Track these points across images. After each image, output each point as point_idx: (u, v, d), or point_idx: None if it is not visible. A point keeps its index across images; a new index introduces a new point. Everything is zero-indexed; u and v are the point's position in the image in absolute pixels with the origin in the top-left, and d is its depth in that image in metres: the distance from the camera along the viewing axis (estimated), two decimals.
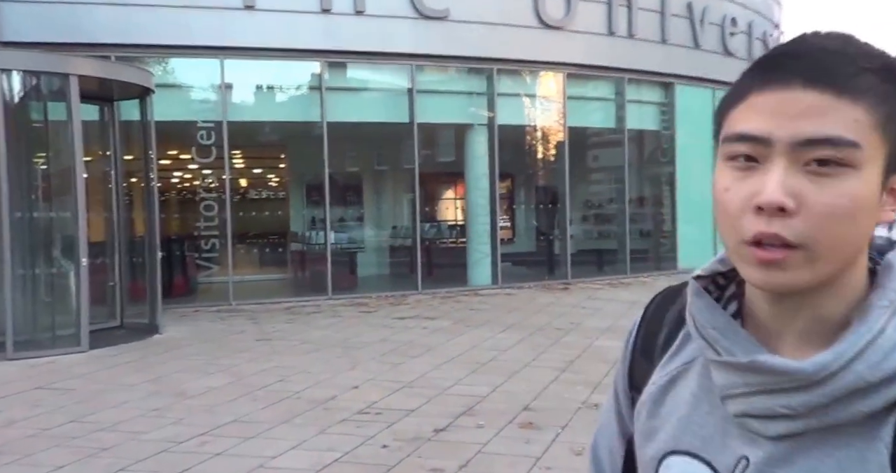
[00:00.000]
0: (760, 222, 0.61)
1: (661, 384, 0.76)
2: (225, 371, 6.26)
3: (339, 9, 10.72)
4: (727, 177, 0.65)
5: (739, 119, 0.64)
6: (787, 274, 0.62)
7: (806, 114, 0.61)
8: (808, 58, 0.62)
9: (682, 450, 0.72)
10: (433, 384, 5.66)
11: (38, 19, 9.57)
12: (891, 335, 0.62)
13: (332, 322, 8.97)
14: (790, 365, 0.63)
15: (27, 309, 7.47)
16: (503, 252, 12.39)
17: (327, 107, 10.99)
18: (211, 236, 11.05)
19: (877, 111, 0.61)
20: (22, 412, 5.06)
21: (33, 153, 8.11)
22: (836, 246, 0.62)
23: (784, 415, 0.64)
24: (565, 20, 12.04)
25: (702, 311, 0.70)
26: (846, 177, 0.61)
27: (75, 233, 7.30)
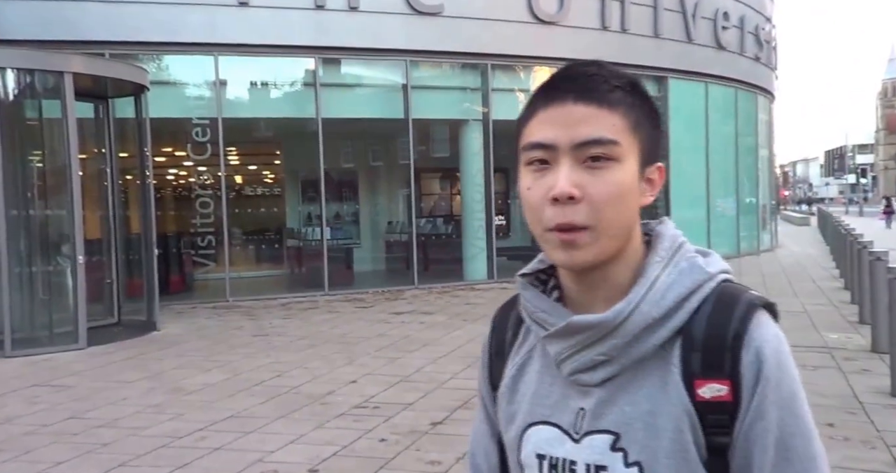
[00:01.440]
0: (558, 213, 0.79)
1: (513, 374, 0.91)
2: (222, 367, 6.29)
3: (332, 5, 10.72)
4: (528, 178, 0.82)
5: (532, 131, 0.82)
6: (582, 251, 0.79)
7: (579, 122, 0.79)
8: (576, 80, 0.81)
9: (536, 421, 0.87)
10: (430, 378, 5.69)
11: (33, 17, 9.54)
12: (664, 280, 0.82)
13: (329, 317, 9.00)
14: (594, 317, 0.81)
15: (25, 306, 7.48)
16: (498, 246, 12.42)
17: (322, 104, 11.00)
18: (207, 233, 11.06)
19: (628, 117, 0.81)
20: (21, 409, 5.08)
21: (29, 151, 8.09)
22: (614, 223, 0.80)
23: (601, 362, 0.81)
24: (558, 15, 12.06)
25: (530, 300, 0.87)
26: (613, 169, 0.79)
27: (72, 230, 7.30)
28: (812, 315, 8.10)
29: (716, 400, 0.78)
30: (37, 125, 8.10)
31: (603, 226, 0.79)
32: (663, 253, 0.84)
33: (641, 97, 0.83)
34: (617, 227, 0.80)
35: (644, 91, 0.84)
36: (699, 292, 0.81)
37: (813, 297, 9.53)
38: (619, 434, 0.81)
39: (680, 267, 0.83)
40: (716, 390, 0.78)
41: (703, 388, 0.79)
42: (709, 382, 0.79)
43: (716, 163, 14.83)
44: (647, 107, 0.84)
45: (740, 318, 0.80)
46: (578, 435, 0.83)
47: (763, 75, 16.82)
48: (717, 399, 0.78)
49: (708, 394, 0.78)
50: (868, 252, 7.17)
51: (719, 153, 14.93)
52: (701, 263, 0.84)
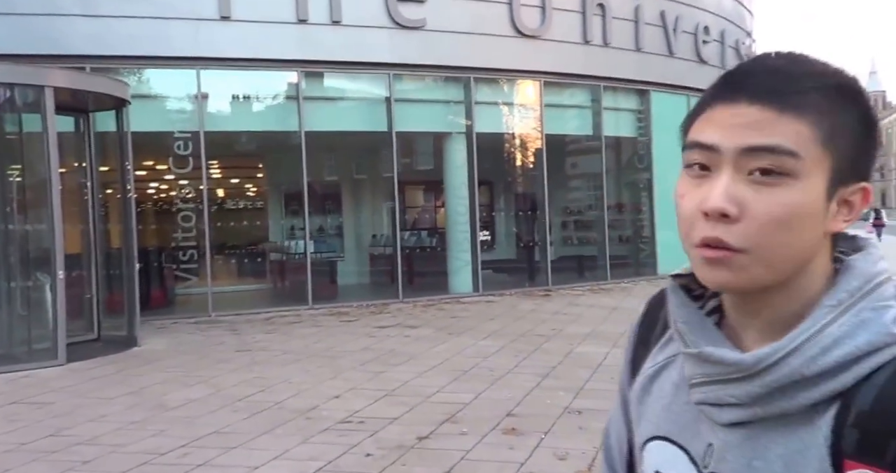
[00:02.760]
0: (707, 227, 0.67)
1: (649, 374, 0.82)
2: (205, 382, 6.22)
3: (315, 19, 10.74)
4: (685, 184, 0.72)
5: (697, 130, 0.71)
6: (731, 273, 0.67)
7: (750, 126, 0.67)
8: (756, 77, 0.69)
9: (662, 436, 0.78)
10: (416, 392, 5.66)
11: (11, 31, 9.46)
12: (832, 332, 0.66)
13: (313, 331, 8.94)
14: (731, 356, 0.69)
15: (3, 322, 7.36)
16: (483, 259, 12.43)
17: (305, 117, 10.99)
18: (189, 247, 10.97)
19: (820, 126, 0.66)
20: None
21: (7, 165, 8.00)
22: (776, 251, 0.67)
23: (732, 404, 0.69)
24: (541, 29, 12.17)
25: (676, 307, 0.76)
26: (786, 186, 0.66)
27: (51, 245, 7.21)
28: None
29: None
30: (16, 139, 8.02)
31: (761, 252, 0.66)
32: (844, 295, 0.68)
33: (848, 101, 0.69)
34: (781, 256, 0.67)
35: (856, 94, 0.69)
36: (876, 356, 0.66)
37: None
38: None
39: (861, 317, 0.67)
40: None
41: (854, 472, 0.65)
42: (863, 467, 0.65)
43: None
44: (856, 114, 0.69)
45: None
46: (706, 470, 0.73)
47: None
48: None
49: None
50: None
51: None
52: (890, 319, 0.67)
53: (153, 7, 9.92)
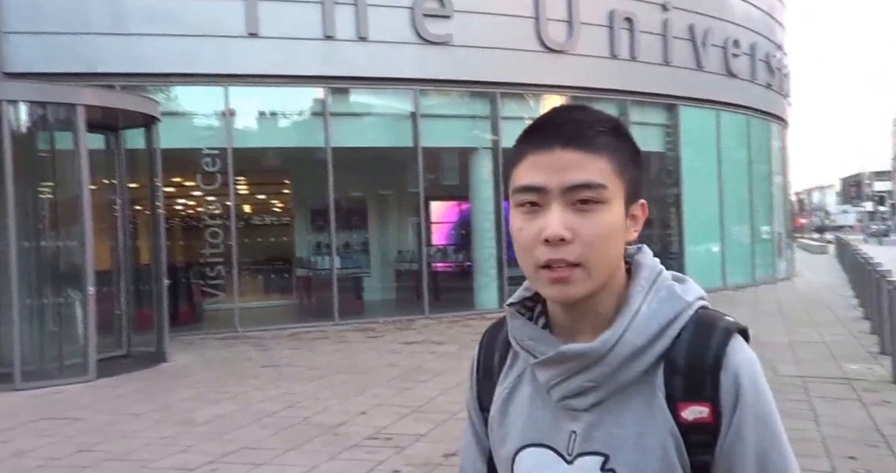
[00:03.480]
0: (548, 251, 0.83)
1: (503, 397, 0.95)
2: (233, 398, 6.20)
3: (342, 35, 10.82)
4: (519, 219, 0.87)
5: (522, 175, 0.86)
6: (573, 287, 0.85)
7: (567, 167, 0.84)
8: (563, 126, 0.86)
9: (528, 444, 0.91)
10: (442, 408, 5.59)
11: (44, 50, 9.66)
12: (646, 309, 0.87)
13: (339, 347, 8.91)
14: (583, 346, 0.86)
15: (34, 338, 7.43)
16: (510, 275, 12.34)
17: (331, 133, 11.04)
18: (216, 263, 11.03)
19: (613, 161, 0.85)
20: (30, 442, 5.00)
21: (40, 182, 8.12)
22: (603, 261, 0.85)
23: (590, 388, 0.86)
24: (567, 44, 12.14)
25: (518, 328, 0.92)
26: (601, 211, 0.84)
27: (82, 261, 7.29)
28: (831, 345, 7.95)
29: (698, 422, 0.84)
30: (48, 157, 8.15)
31: (593, 263, 0.84)
32: (644, 282, 0.89)
33: (625, 140, 0.88)
34: (606, 264, 0.86)
35: (627, 133, 0.89)
36: (679, 319, 0.87)
37: (832, 327, 9.37)
38: (609, 456, 0.86)
39: (660, 295, 0.88)
40: (698, 412, 0.84)
41: (686, 411, 0.84)
42: (691, 405, 0.84)
43: (729, 191, 14.75)
44: (631, 148, 0.89)
45: (718, 344, 0.85)
46: (571, 457, 0.88)
47: (775, 102, 16.83)
48: (699, 420, 0.84)
49: (690, 416, 0.84)
50: (887, 281, 7.03)
51: (732, 180, 14.86)
52: (679, 291, 0.89)
53: (181, 25, 10.08)
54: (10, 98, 7.12)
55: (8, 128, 6.95)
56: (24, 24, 9.59)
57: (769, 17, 16.52)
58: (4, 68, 9.36)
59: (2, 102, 6.99)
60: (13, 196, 6.89)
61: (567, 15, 12.14)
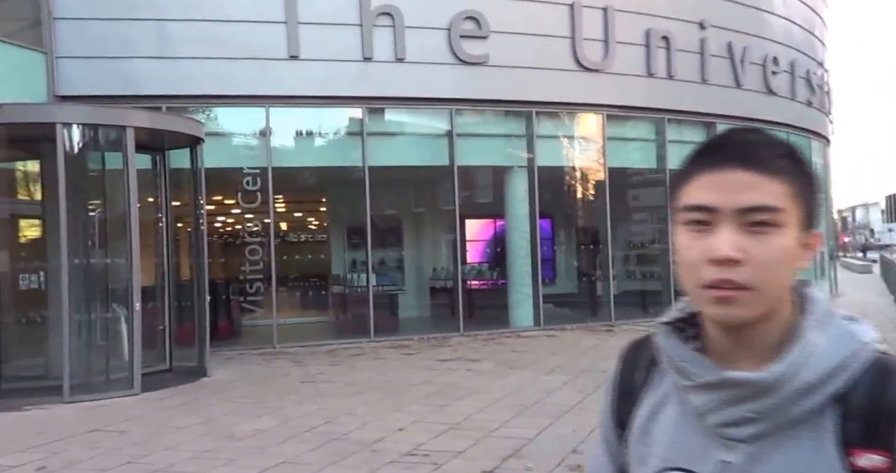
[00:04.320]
0: (716, 271, 0.81)
1: (646, 416, 0.93)
2: (272, 413, 6.31)
3: (380, 56, 11.03)
4: (686, 237, 0.85)
5: (692, 193, 0.85)
6: (739, 309, 0.82)
7: (743, 188, 0.82)
8: (738, 148, 0.84)
9: (672, 467, 0.88)
10: (479, 426, 5.62)
11: (95, 73, 10.04)
12: (822, 346, 0.83)
13: (375, 364, 9.00)
14: (753, 376, 0.82)
15: (82, 352, 7.66)
16: (544, 293, 12.33)
17: (368, 152, 11.22)
18: (255, 279, 11.24)
19: (791, 185, 0.83)
20: (81, 453, 5.16)
21: (90, 201, 8.41)
22: (773, 286, 0.82)
23: (751, 419, 0.82)
24: (603, 62, 12.18)
25: (671, 349, 0.89)
26: (776, 234, 0.82)
27: (129, 278, 7.51)
28: None
29: (873, 470, 0.80)
30: (98, 177, 8.43)
31: (764, 288, 0.81)
32: (819, 317, 0.85)
33: (802, 165, 0.86)
34: (775, 290, 0.83)
35: (803, 159, 0.86)
36: (855, 360, 0.83)
37: None
38: None
39: (835, 333, 0.85)
40: (876, 461, 0.80)
41: (861, 458, 0.80)
42: (868, 452, 0.80)
43: None
44: (807, 174, 0.86)
45: None
46: None
47: (816, 120, 16.61)
48: (875, 468, 0.80)
49: (866, 464, 0.80)
50: None
51: None
52: (855, 331, 0.86)
53: (225, 48, 10.38)
54: (65, 120, 7.41)
55: (62, 148, 7.23)
56: (75, 49, 9.99)
57: (810, 34, 16.35)
58: (57, 91, 9.74)
59: (56, 124, 7.29)
60: (66, 214, 7.14)
61: (603, 35, 12.20)
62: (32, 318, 7.98)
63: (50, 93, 9.70)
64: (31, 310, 8.02)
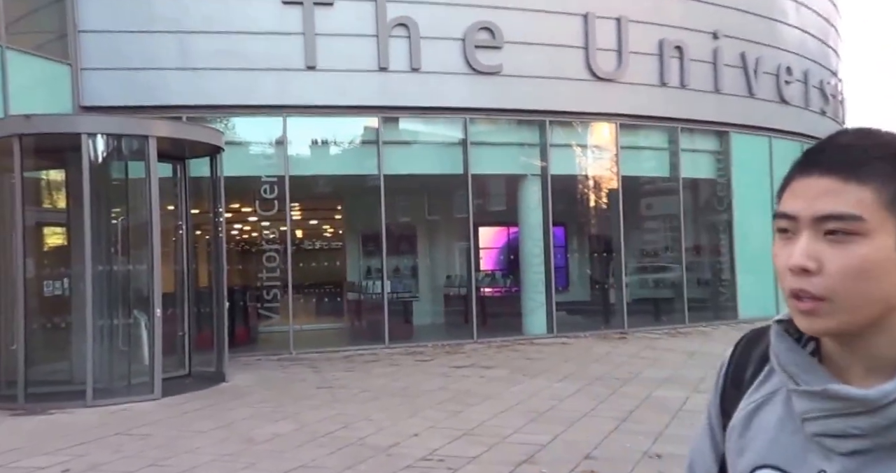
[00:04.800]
0: (794, 280, 0.79)
1: (749, 410, 0.91)
2: (290, 418, 6.44)
3: (395, 67, 11.19)
4: (776, 245, 0.84)
5: (783, 200, 0.84)
6: (819, 320, 0.79)
7: (821, 195, 0.79)
8: (826, 152, 0.81)
9: (769, 464, 0.87)
10: (493, 432, 5.71)
11: (116, 84, 10.28)
12: None
13: (390, 370, 9.11)
14: (857, 392, 0.78)
15: (105, 358, 7.83)
16: (558, 300, 12.41)
17: (384, 160, 11.37)
18: (272, 286, 11.41)
19: (883, 190, 0.77)
20: (104, 456, 5.31)
21: (112, 209, 8.60)
22: (857, 296, 0.77)
23: (854, 435, 0.79)
24: (616, 72, 12.28)
25: (783, 350, 0.87)
26: (856, 243, 0.77)
27: (150, 284, 7.68)
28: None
29: None
30: (120, 185, 8.63)
31: (842, 298, 0.77)
32: None
33: None
34: (860, 301, 0.78)
35: None
36: None
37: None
38: None
39: None
40: None
41: None
42: None
43: None
44: None
45: None
46: None
47: (830, 129, 16.22)
48: None
49: None
50: None
51: None
52: None
53: (244, 60, 10.58)
54: (89, 131, 7.61)
55: (87, 158, 7.43)
56: (99, 60, 10.23)
57: (823, 44, 16.35)
58: (82, 102, 9.98)
59: (81, 135, 7.49)
60: (90, 222, 7.32)
61: (616, 45, 12.30)
62: (57, 324, 8.17)
63: (75, 104, 9.95)
64: (55, 316, 8.21)
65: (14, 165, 7.33)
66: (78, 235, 7.60)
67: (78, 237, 7.60)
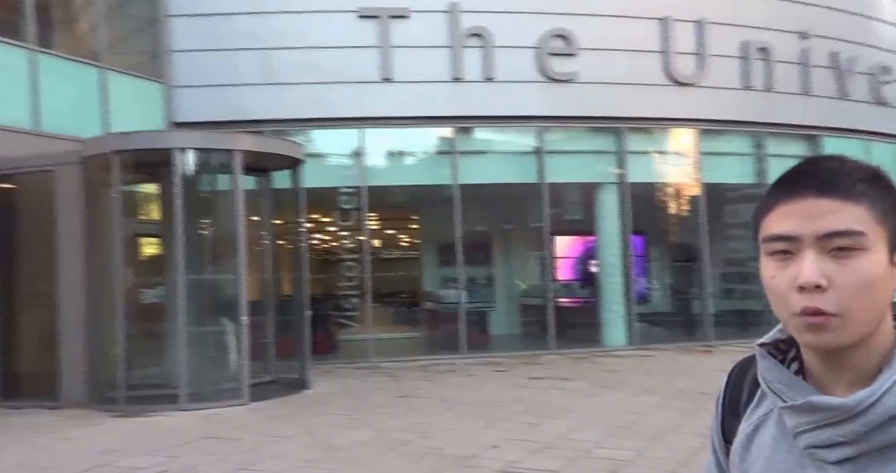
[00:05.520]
0: (804, 298, 0.82)
1: (747, 433, 0.95)
2: (370, 426, 6.52)
3: (469, 77, 11.26)
4: (771, 267, 0.86)
5: (772, 223, 0.86)
6: (830, 334, 0.83)
7: (822, 215, 0.83)
8: (816, 175, 0.85)
9: None
10: (573, 446, 5.63)
11: (204, 101, 10.74)
12: None
13: (467, 380, 9.10)
14: (835, 401, 0.83)
15: (196, 363, 8.14)
16: (637, 311, 12.13)
17: (458, 170, 11.43)
18: (350, 295, 11.62)
19: (874, 208, 0.83)
20: (197, 459, 5.52)
21: (201, 220, 8.96)
22: (864, 310, 0.82)
23: (840, 443, 0.83)
24: (696, 76, 11.97)
25: (769, 370, 0.91)
26: (860, 258, 0.82)
27: (237, 293, 7.95)
28: None
29: None
30: (209, 197, 8.98)
31: (852, 313, 0.81)
32: None
33: (886, 188, 0.85)
34: (866, 314, 0.83)
35: (889, 181, 0.86)
36: None
37: None
38: None
39: None
40: None
41: None
42: None
43: None
44: (893, 196, 0.85)
45: None
46: None
47: None
48: None
49: None
50: None
51: None
52: None
53: (321, 74, 10.88)
54: (180, 146, 7.97)
55: (178, 172, 7.77)
56: (189, 78, 10.73)
57: None
58: (173, 118, 10.47)
59: (173, 150, 7.85)
60: (182, 233, 7.65)
61: (696, 48, 11.99)
62: (152, 330, 8.55)
63: (167, 120, 10.44)
64: (150, 323, 8.60)
65: (113, 179, 7.74)
66: (171, 245, 7.94)
67: (171, 247, 7.95)
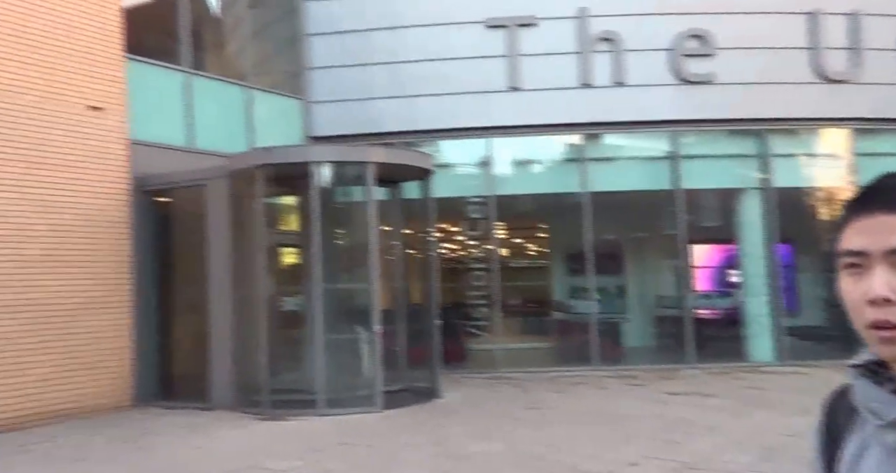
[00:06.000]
0: (875, 312, 0.84)
1: (850, 460, 0.95)
2: (501, 437, 6.44)
3: (599, 82, 11.00)
4: (846, 281, 0.88)
5: (847, 239, 0.89)
6: None
7: (892, 231, 0.85)
8: (884, 192, 0.88)
9: None
10: (720, 467, 5.28)
11: (338, 115, 11.15)
12: None
13: (600, 393, 8.82)
14: None
15: (331, 370, 8.40)
16: (787, 325, 11.31)
17: (588, 178, 11.16)
18: (479, 305, 11.60)
19: None
20: (334, 463, 5.66)
21: (336, 231, 9.27)
22: None
23: None
24: (851, 72, 11.05)
25: (862, 390, 0.91)
26: None
27: (370, 301, 8.13)
28: None
29: None
30: (342, 209, 9.28)
31: None
32: None
33: None
34: None
35: None
36: None
37: None
38: None
39: None
40: None
41: None
42: None
43: None
44: None
45: None
46: None
47: None
48: None
49: None
50: None
51: None
52: None
53: (449, 85, 11.00)
54: (317, 159, 8.29)
55: (315, 184, 8.08)
56: (325, 94, 11.19)
57: None
58: (310, 133, 10.96)
59: (310, 164, 8.17)
60: (319, 243, 7.93)
61: (850, 42, 11.08)
62: (292, 337, 8.92)
63: (304, 134, 10.94)
64: (290, 330, 8.98)
65: (256, 192, 8.16)
66: (308, 255, 8.25)
67: (308, 257, 8.26)
